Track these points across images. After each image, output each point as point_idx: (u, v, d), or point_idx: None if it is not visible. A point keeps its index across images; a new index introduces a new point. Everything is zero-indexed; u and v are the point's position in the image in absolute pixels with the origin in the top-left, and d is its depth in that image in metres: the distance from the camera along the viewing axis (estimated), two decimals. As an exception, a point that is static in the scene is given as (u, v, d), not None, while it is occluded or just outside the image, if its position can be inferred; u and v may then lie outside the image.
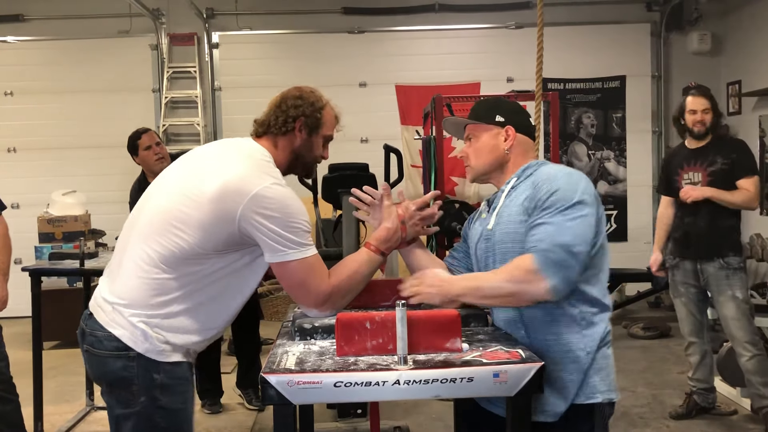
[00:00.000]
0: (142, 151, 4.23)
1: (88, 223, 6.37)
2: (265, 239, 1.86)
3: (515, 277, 1.78)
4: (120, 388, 1.92)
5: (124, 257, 1.97)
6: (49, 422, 3.87)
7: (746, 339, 3.73)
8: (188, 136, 7.51)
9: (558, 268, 1.74)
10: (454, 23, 7.54)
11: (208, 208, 1.85)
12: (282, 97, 2.06)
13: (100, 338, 1.92)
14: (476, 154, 2.04)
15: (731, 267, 3.72)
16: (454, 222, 4.27)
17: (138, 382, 1.89)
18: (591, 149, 7.63)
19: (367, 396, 1.64)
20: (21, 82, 7.36)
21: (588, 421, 1.86)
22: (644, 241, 7.66)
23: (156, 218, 1.92)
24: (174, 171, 2.04)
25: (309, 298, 1.94)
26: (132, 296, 1.90)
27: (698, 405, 4.02)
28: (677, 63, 7.67)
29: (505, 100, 2.13)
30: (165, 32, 7.52)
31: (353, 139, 6.44)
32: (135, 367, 1.88)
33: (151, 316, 1.89)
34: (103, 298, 1.97)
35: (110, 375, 1.93)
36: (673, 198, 3.94)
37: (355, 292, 2.02)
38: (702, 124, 3.80)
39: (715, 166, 3.77)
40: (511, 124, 2.02)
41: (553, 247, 1.75)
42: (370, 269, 2.03)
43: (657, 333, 5.95)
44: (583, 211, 1.80)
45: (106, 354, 1.91)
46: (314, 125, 2.05)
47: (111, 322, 1.91)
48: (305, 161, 2.09)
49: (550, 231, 1.78)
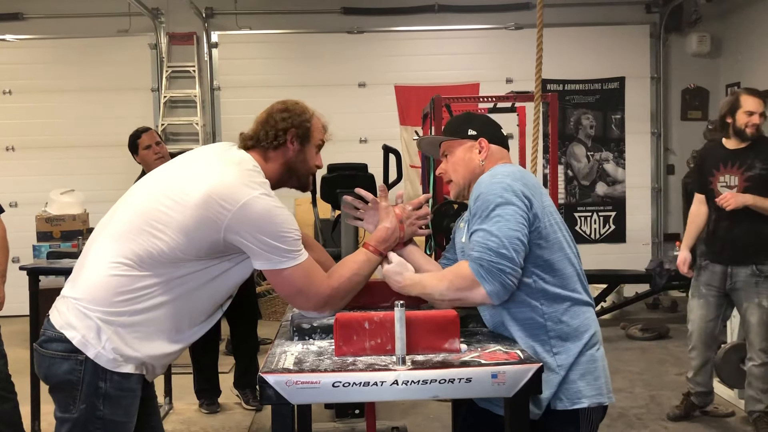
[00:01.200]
0: (141, 150, 4.23)
1: (86, 222, 6.35)
2: (256, 249, 1.84)
3: (455, 285, 1.84)
4: (63, 390, 1.85)
5: (89, 256, 1.91)
6: (46, 421, 3.85)
7: (762, 346, 3.70)
8: (187, 135, 7.50)
9: (491, 273, 1.78)
10: (454, 24, 7.54)
11: (191, 212, 1.81)
12: (268, 113, 2.03)
13: (51, 338, 1.85)
14: (453, 169, 2.09)
15: (763, 274, 3.66)
16: (453, 223, 4.26)
17: (81, 388, 1.82)
18: (590, 150, 7.64)
19: (366, 396, 1.64)
20: (20, 80, 7.35)
21: (572, 426, 1.86)
22: (642, 242, 7.68)
23: (134, 218, 1.87)
24: (159, 173, 2.00)
25: (309, 302, 1.93)
26: (94, 293, 1.84)
27: (695, 406, 4.02)
28: (676, 64, 7.68)
29: (475, 114, 2.21)
30: (164, 31, 7.52)
31: (352, 139, 6.45)
32: (81, 371, 1.82)
33: (112, 314, 1.82)
34: (62, 296, 1.91)
35: (55, 377, 1.85)
36: (706, 197, 3.84)
37: (354, 293, 2.02)
38: (755, 127, 3.65)
39: (753, 171, 3.67)
40: (483, 136, 2.06)
41: (484, 253, 1.79)
42: (369, 270, 2.04)
43: (655, 334, 5.95)
44: (505, 210, 1.81)
45: (53, 354, 1.84)
46: (305, 135, 2.02)
47: (65, 324, 1.84)
48: (299, 174, 2.05)
49: (479, 237, 1.82)
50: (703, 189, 3.89)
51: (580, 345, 1.87)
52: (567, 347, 1.86)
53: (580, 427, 1.86)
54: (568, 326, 1.87)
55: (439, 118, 4.88)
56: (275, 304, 6.73)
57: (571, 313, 1.88)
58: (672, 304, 6.97)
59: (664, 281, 6.16)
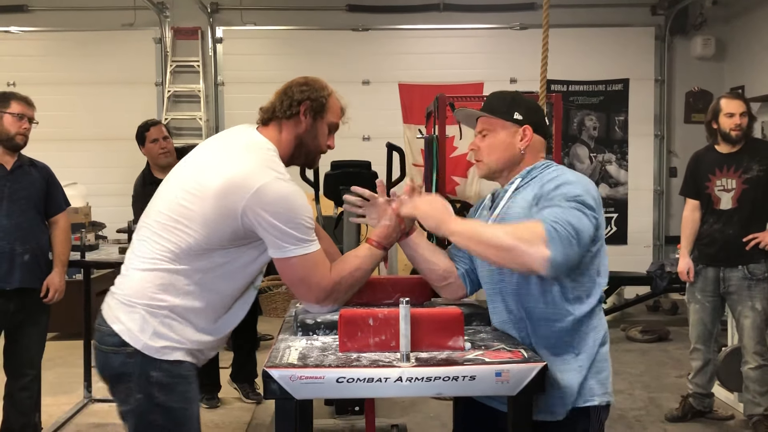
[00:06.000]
0: (148, 143, 4.24)
1: (88, 216, 6.35)
2: (267, 235, 1.85)
3: (519, 234, 1.70)
4: (119, 383, 1.91)
5: (132, 252, 1.97)
6: (47, 413, 3.87)
7: (755, 350, 3.73)
8: (190, 130, 7.50)
9: (562, 242, 1.68)
10: (459, 23, 7.54)
11: (210, 203, 1.83)
12: (288, 84, 2.05)
13: (104, 333, 1.91)
14: (490, 151, 1.98)
15: (755, 277, 3.69)
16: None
17: (134, 379, 1.87)
18: (593, 152, 7.64)
19: (370, 392, 1.64)
20: (23, 72, 7.36)
21: (584, 423, 1.86)
22: (644, 244, 7.67)
23: (161, 216, 1.91)
24: (180, 168, 2.03)
25: (310, 294, 1.93)
26: (137, 287, 1.89)
27: (694, 408, 4.02)
28: (681, 67, 7.67)
29: (523, 97, 2.05)
30: (169, 26, 7.51)
31: (355, 137, 6.45)
32: (132, 363, 1.86)
33: (155, 306, 1.87)
34: (111, 291, 1.97)
35: (110, 370, 1.92)
36: (701, 202, 3.87)
37: (357, 288, 2.01)
38: (739, 129, 3.70)
39: (750, 173, 3.70)
40: (529, 124, 1.96)
41: (562, 222, 1.70)
42: (371, 264, 2.02)
43: (655, 337, 5.95)
44: (585, 209, 1.77)
45: (107, 350, 1.90)
46: (319, 109, 2.01)
47: (113, 318, 1.90)
48: (308, 149, 2.04)
49: (558, 211, 1.73)
50: (697, 195, 3.91)
51: (597, 344, 1.88)
52: (588, 347, 1.86)
53: (590, 425, 1.86)
54: (589, 326, 1.86)
55: (442, 116, 4.88)
56: (275, 300, 6.73)
57: (595, 312, 1.88)
58: (672, 307, 6.97)
59: (665, 284, 6.16)
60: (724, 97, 3.83)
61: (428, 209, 1.89)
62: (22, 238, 3.27)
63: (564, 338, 1.85)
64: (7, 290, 3.24)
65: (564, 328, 1.84)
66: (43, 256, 3.41)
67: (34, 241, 3.33)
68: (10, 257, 3.23)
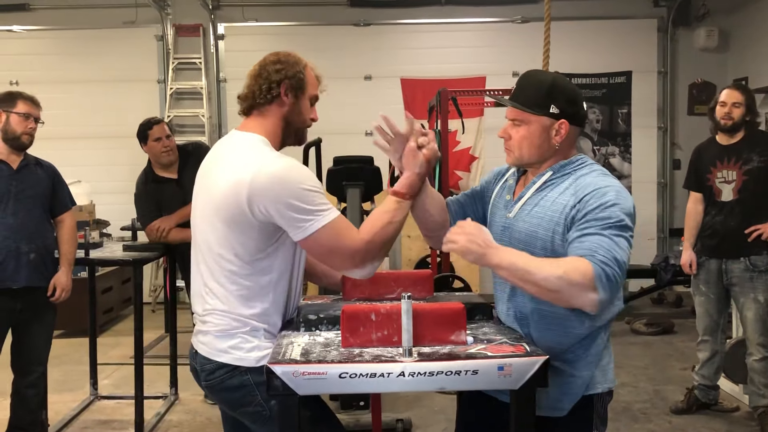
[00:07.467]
0: (151, 142, 4.24)
1: (92, 213, 6.38)
2: (281, 219, 1.82)
3: (570, 277, 1.64)
4: (247, 405, 1.90)
5: (203, 278, 1.97)
6: (53, 410, 3.89)
7: (759, 341, 3.73)
8: (193, 127, 7.51)
9: (611, 284, 1.66)
10: (461, 17, 7.52)
11: (223, 214, 1.85)
12: (260, 66, 2.01)
13: (211, 370, 1.92)
14: (521, 143, 1.87)
15: (757, 269, 3.70)
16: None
17: (258, 393, 1.87)
18: (596, 144, 7.61)
19: (372, 387, 1.64)
20: (26, 71, 7.38)
21: (588, 410, 1.87)
22: (648, 237, 7.65)
23: (205, 245, 1.94)
24: (196, 201, 2.02)
25: (345, 261, 1.87)
26: (225, 308, 1.91)
27: (699, 401, 4.03)
28: (684, 59, 7.65)
29: (561, 83, 1.89)
30: (170, 23, 7.52)
31: (358, 132, 6.42)
32: (249, 379, 1.87)
33: (243, 321, 1.89)
34: (198, 320, 1.99)
35: (233, 397, 1.92)
36: (704, 194, 3.88)
37: (392, 243, 1.92)
38: (729, 118, 3.71)
39: (750, 164, 3.71)
40: (566, 117, 1.84)
41: (611, 262, 1.66)
42: (402, 216, 1.93)
43: (660, 329, 5.94)
44: (627, 233, 1.73)
45: (221, 379, 1.91)
46: (299, 86, 1.97)
47: (213, 351, 1.91)
48: (296, 127, 2.02)
49: (606, 244, 1.68)
50: (700, 187, 3.91)
51: (605, 336, 1.89)
52: (596, 344, 1.86)
53: (593, 410, 1.87)
54: (600, 320, 1.84)
55: (445, 111, 4.88)
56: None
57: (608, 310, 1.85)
58: (677, 299, 6.96)
59: (669, 276, 6.16)
60: (726, 88, 3.83)
61: (467, 244, 1.74)
62: (28, 237, 3.29)
63: (578, 340, 1.84)
64: (13, 289, 3.26)
65: (579, 333, 1.83)
66: (49, 255, 3.42)
67: (40, 240, 3.35)
68: (16, 256, 3.25)
